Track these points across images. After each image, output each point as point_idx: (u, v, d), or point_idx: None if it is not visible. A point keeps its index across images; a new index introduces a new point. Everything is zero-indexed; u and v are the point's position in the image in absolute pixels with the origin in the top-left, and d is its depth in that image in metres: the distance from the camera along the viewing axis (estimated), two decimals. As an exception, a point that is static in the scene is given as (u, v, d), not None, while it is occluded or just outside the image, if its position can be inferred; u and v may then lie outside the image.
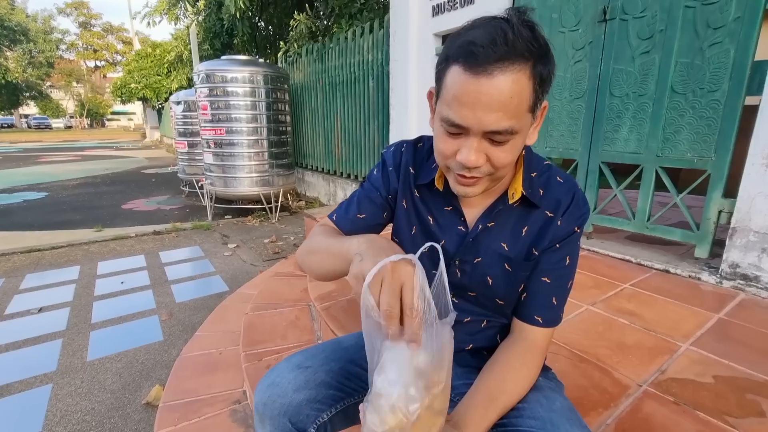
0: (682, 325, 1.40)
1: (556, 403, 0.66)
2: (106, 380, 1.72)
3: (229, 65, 4.18)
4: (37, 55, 30.84)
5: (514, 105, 0.54)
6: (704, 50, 1.70)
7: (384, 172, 0.80)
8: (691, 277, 1.79)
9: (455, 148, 0.60)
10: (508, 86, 0.53)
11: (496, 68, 0.52)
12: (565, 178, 0.72)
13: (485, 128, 0.55)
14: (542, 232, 0.70)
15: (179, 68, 10.99)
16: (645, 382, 1.10)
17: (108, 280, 2.80)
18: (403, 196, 0.78)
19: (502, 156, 0.58)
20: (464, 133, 0.58)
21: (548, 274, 0.71)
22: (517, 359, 0.69)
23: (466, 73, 0.54)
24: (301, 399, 0.67)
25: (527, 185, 0.69)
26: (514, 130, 0.56)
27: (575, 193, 0.70)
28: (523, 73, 0.53)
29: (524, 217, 0.71)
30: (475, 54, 0.53)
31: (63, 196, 5.89)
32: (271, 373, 0.71)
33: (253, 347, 1.61)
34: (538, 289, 0.71)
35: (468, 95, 0.54)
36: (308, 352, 0.77)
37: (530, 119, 0.59)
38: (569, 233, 0.70)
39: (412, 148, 0.80)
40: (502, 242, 0.71)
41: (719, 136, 1.70)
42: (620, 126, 2.02)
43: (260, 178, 4.45)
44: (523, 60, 0.53)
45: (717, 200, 1.75)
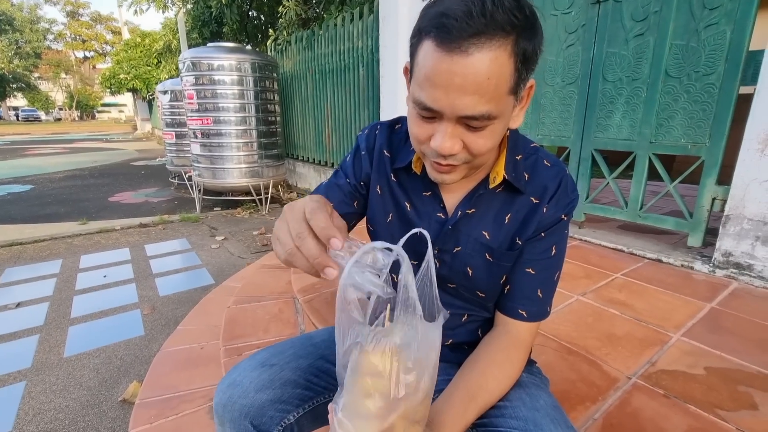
0: (674, 315, 1.37)
1: (540, 401, 0.61)
2: (83, 377, 1.66)
3: (216, 53, 4.06)
4: (24, 45, 30.20)
5: (492, 87, 0.47)
6: (700, 32, 1.64)
7: (356, 158, 0.75)
8: (684, 266, 1.75)
9: (429, 132, 0.54)
10: (485, 66, 0.46)
11: (471, 44, 0.45)
12: (553, 162, 0.66)
13: (459, 113, 0.49)
14: (527, 219, 0.65)
15: (168, 58, 10.78)
16: (634, 375, 1.07)
17: (90, 273, 2.72)
18: (377, 182, 0.73)
19: (480, 143, 0.53)
20: (438, 117, 0.52)
21: (533, 264, 0.65)
22: (500, 354, 0.64)
23: (438, 49, 0.47)
24: (264, 399, 0.62)
25: (510, 169, 0.64)
26: (491, 116, 0.50)
27: (563, 178, 0.65)
28: (503, 50, 0.46)
29: (508, 203, 0.65)
30: (447, 28, 0.46)
31: (49, 188, 5.77)
32: (233, 372, 0.66)
33: (234, 341, 1.55)
34: (522, 280, 0.66)
35: (440, 75, 0.48)
36: (275, 348, 0.71)
37: (512, 102, 0.52)
38: (556, 221, 0.65)
39: (387, 129, 0.74)
40: (483, 230, 0.66)
41: (714, 121, 1.66)
42: (613, 112, 1.96)
43: (249, 170, 4.36)
44: (503, 34, 0.46)
45: (711, 187, 1.71)
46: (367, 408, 0.45)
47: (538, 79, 2.26)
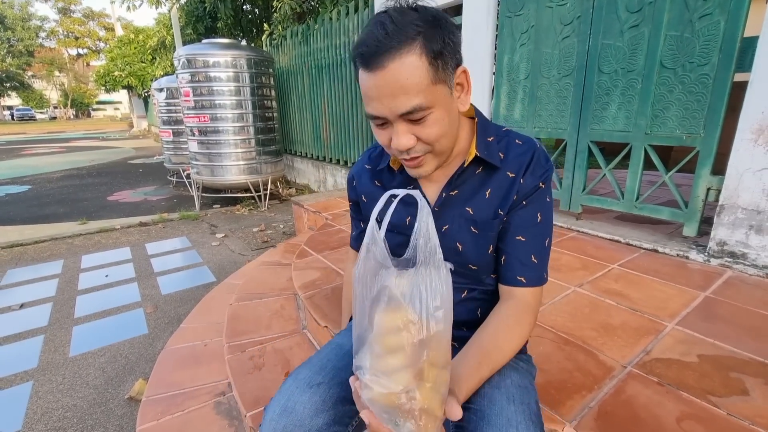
0: (669, 304, 1.39)
1: (507, 381, 0.64)
2: (89, 375, 1.69)
3: (211, 49, 4.04)
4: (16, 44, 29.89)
5: (414, 83, 0.56)
6: (694, 22, 1.65)
7: (350, 186, 0.88)
8: (679, 256, 1.78)
9: (388, 136, 0.63)
10: (400, 70, 0.55)
11: (384, 59, 0.55)
12: (524, 140, 0.73)
13: (396, 112, 0.58)
14: (507, 193, 0.70)
15: (163, 54, 10.69)
16: (630, 364, 1.09)
17: (92, 273, 2.74)
18: (363, 193, 0.83)
19: (428, 131, 0.61)
20: (387, 123, 0.61)
21: (522, 232, 0.71)
22: (510, 318, 0.69)
23: (364, 71, 0.58)
24: (321, 424, 0.61)
25: (482, 147, 0.70)
26: (423, 106, 0.58)
27: (535, 151, 0.71)
28: (411, 53, 0.55)
29: (487, 180, 0.72)
30: (364, 55, 0.57)
31: (47, 189, 5.77)
32: (281, 397, 0.64)
33: (237, 338, 1.58)
34: (515, 248, 0.71)
35: (372, 90, 0.58)
36: (314, 364, 0.70)
37: (444, 90, 0.60)
38: (534, 188, 0.70)
39: (369, 150, 0.86)
40: (467, 207, 0.72)
41: (708, 111, 1.67)
42: (609, 104, 1.97)
43: (247, 166, 4.36)
44: (408, 41, 0.55)
45: (705, 177, 1.73)
46: (392, 364, 0.46)
47: (534, 71, 2.27)
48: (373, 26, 0.57)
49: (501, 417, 0.57)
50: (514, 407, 0.58)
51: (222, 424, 1.30)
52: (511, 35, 2.36)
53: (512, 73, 2.41)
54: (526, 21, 2.27)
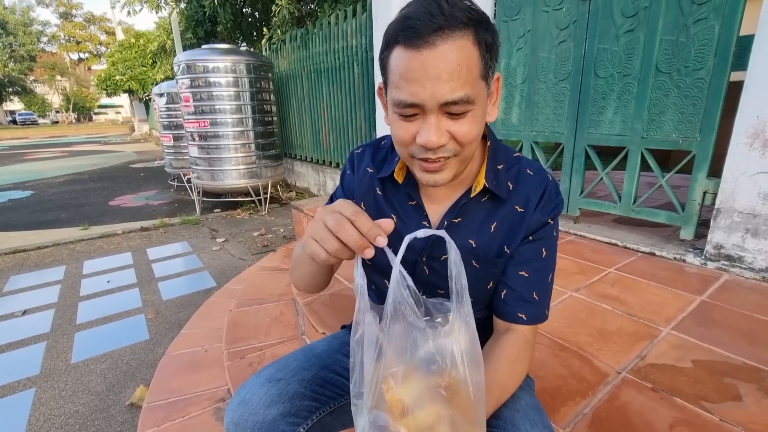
0: (665, 309, 1.40)
1: (521, 402, 0.64)
2: (91, 382, 1.70)
3: (210, 54, 4.07)
4: (18, 49, 30.06)
5: (465, 71, 0.52)
6: (689, 27, 1.66)
7: (343, 180, 0.80)
8: (676, 260, 1.78)
9: (413, 131, 0.56)
10: (453, 53, 0.51)
11: (437, 38, 0.50)
12: (536, 170, 0.69)
13: (440, 100, 0.52)
14: (514, 228, 0.67)
15: (163, 58, 10.72)
16: (624, 369, 1.10)
17: (94, 279, 2.76)
18: (362, 199, 0.76)
19: (465, 130, 0.55)
20: (420, 113, 0.55)
21: (525, 267, 0.68)
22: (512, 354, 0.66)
23: (408, 50, 0.52)
24: (275, 414, 0.64)
25: (491, 177, 0.67)
26: (470, 99, 0.53)
27: (547, 185, 0.68)
28: (466, 39, 0.52)
29: (493, 212, 0.68)
30: (413, 28, 0.51)
31: (49, 194, 5.80)
32: (241, 391, 0.68)
33: (236, 345, 1.59)
34: (517, 284, 0.68)
35: (414, 71, 0.52)
36: (279, 363, 0.74)
37: (485, 89, 0.57)
38: (543, 224, 0.68)
39: (371, 147, 0.78)
40: (470, 238, 0.69)
41: (704, 115, 1.67)
42: (605, 108, 1.98)
43: (248, 170, 4.38)
44: (463, 27, 0.51)
45: (702, 181, 1.73)
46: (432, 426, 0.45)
47: (531, 75, 2.28)
48: (425, 3, 0.51)
49: None
50: (537, 430, 0.59)
51: (222, 431, 1.31)
52: (508, 40, 2.37)
53: (509, 78, 2.42)
54: (523, 25, 2.28)
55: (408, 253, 0.73)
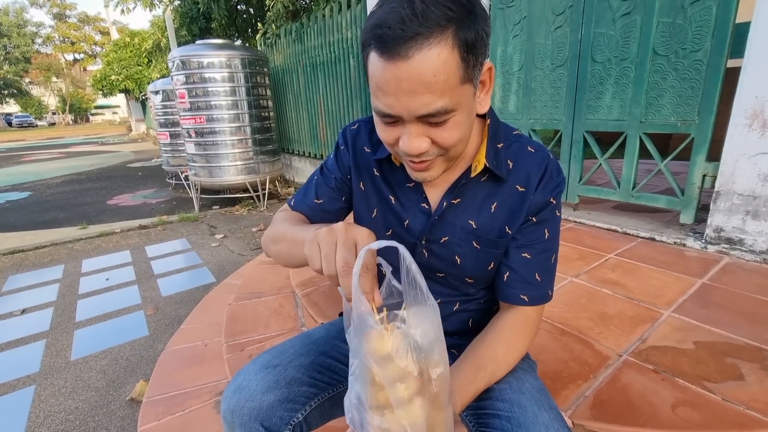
0: (665, 292, 1.39)
1: (526, 384, 0.63)
2: (90, 378, 1.70)
3: (204, 50, 4.03)
4: (13, 51, 29.92)
5: (441, 82, 0.48)
6: (686, 8, 1.64)
7: (337, 154, 0.77)
8: (677, 244, 1.77)
9: (395, 135, 0.55)
10: (428, 64, 0.47)
11: (410, 48, 0.46)
12: (537, 148, 0.67)
13: (415, 114, 0.50)
14: (515, 208, 0.66)
15: (158, 57, 10.66)
16: (625, 352, 1.09)
17: (92, 277, 2.75)
18: (359, 179, 0.74)
19: (446, 135, 0.53)
20: (399, 121, 0.53)
21: (528, 249, 0.67)
22: (507, 329, 0.66)
23: (381, 59, 0.48)
24: (272, 400, 0.63)
25: (491, 157, 0.65)
26: (448, 109, 0.50)
27: (548, 164, 0.66)
28: (443, 45, 0.47)
29: (493, 192, 0.67)
30: (383, 38, 0.47)
31: (47, 194, 5.78)
32: (237, 377, 0.67)
33: (236, 338, 1.58)
34: (519, 266, 0.67)
35: (388, 83, 0.49)
36: (276, 349, 0.73)
37: (469, 90, 0.53)
38: (545, 205, 0.66)
39: (367, 125, 0.75)
40: (470, 219, 0.67)
41: (702, 98, 1.66)
42: (603, 93, 1.96)
43: (245, 166, 4.36)
44: (439, 29, 0.47)
45: (701, 164, 1.72)
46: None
47: (527, 62, 2.26)
48: (397, 3, 0.47)
49: (538, 424, 0.56)
50: (546, 413, 0.58)
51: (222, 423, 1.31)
52: (504, 27, 2.35)
53: (506, 65, 2.39)
54: (519, 12, 2.25)
55: (407, 236, 0.72)
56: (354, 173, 0.75)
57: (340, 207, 0.77)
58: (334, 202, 0.76)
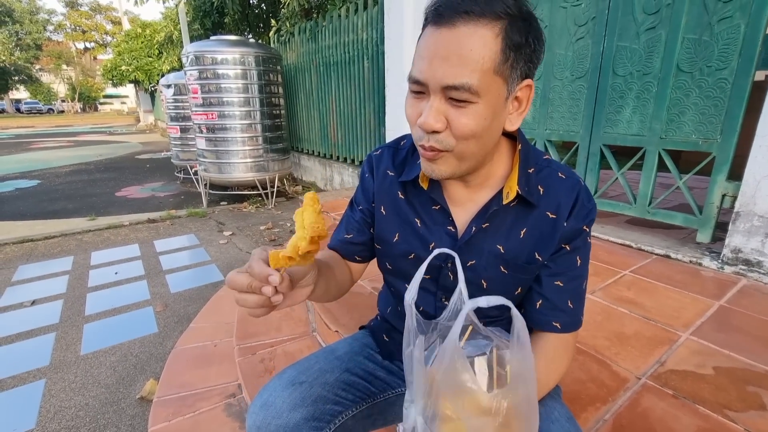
0: (683, 313, 1.38)
1: (554, 413, 0.63)
2: (100, 374, 1.70)
3: (219, 46, 4.03)
4: (24, 37, 30.06)
5: (474, 58, 0.50)
6: (713, 25, 1.62)
7: (362, 184, 0.78)
8: (693, 263, 1.76)
9: (419, 111, 0.56)
10: (468, 38, 0.49)
11: (458, 19, 0.49)
12: (567, 174, 0.67)
13: (440, 81, 0.51)
14: (546, 235, 0.65)
15: (170, 49, 10.68)
16: (644, 375, 1.08)
17: (102, 270, 2.76)
18: (381, 203, 0.74)
19: (463, 122, 0.53)
20: (426, 93, 0.54)
21: (560, 277, 0.66)
22: (550, 353, 0.66)
23: (431, 27, 0.52)
24: (299, 418, 0.63)
25: (523, 183, 0.64)
26: (473, 89, 0.50)
27: (579, 191, 0.65)
28: (489, 28, 0.50)
29: (522, 217, 0.66)
30: (439, 9, 0.51)
31: (56, 183, 5.81)
32: (263, 392, 0.67)
33: (247, 340, 1.58)
34: (551, 293, 0.66)
35: (428, 48, 0.52)
36: (301, 365, 0.73)
37: (502, 88, 0.53)
38: (578, 233, 0.65)
39: (390, 149, 0.76)
40: (498, 243, 0.67)
41: (726, 116, 1.64)
42: (623, 107, 1.95)
43: (255, 164, 4.37)
44: (492, 16, 0.50)
45: (721, 184, 1.70)
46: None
47: (546, 72, 2.24)
48: None
49: None
50: None
51: (233, 426, 1.31)
52: (524, 35, 2.33)
53: (524, 74, 2.38)
54: (540, 21, 2.23)
55: (433, 259, 0.71)
56: (377, 198, 0.75)
57: (368, 238, 0.78)
58: (362, 235, 0.77)
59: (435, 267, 0.71)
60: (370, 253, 0.81)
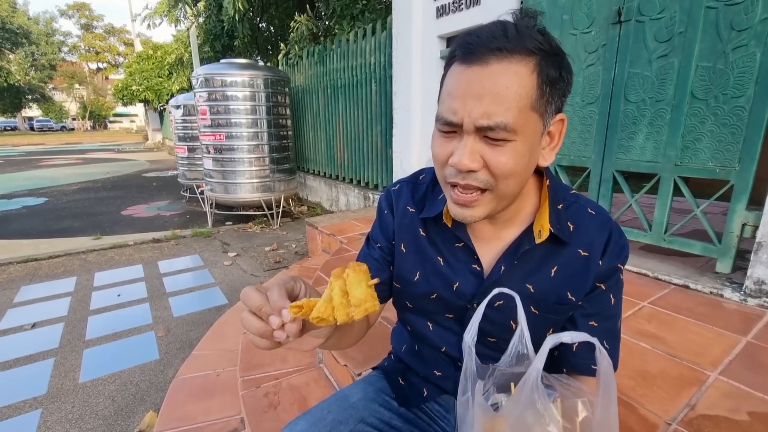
0: (708, 350, 1.31)
1: None
2: (99, 405, 1.64)
3: (228, 69, 4.10)
4: (40, 58, 30.94)
5: (512, 96, 0.48)
6: (728, 54, 1.60)
7: (380, 220, 0.75)
8: (713, 294, 1.69)
9: (449, 150, 0.53)
10: (503, 75, 0.48)
11: (491, 56, 0.48)
12: (597, 210, 0.64)
13: (476, 121, 0.49)
14: (579, 274, 0.62)
15: (180, 70, 10.95)
16: (674, 420, 1.01)
17: (104, 292, 2.72)
18: (401, 240, 0.71)
19: (502, 161, 0.50)
20: (458, 132, 0.52)
21: (595, 317, 0.63)
22: None
23: (460, 65, 0.50)
24: None
25: (554, 220, 0.61)
26: (510, 127, 0.48)
27: (611, 228, 0.63)
28: (524, 64, 0.48)
29: (552, 255, 0.63)
30: (470, 44, 0.49)
31: (63, 201, 5.84)
32: None
33: (251, 372, 1.52)
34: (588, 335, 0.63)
35: (459, 86, 0.50)
36: (313, 415, 0.67)
37: (538, 123, 0.52)
38: (612, 271, 0.63)
39: (409, 184, 0.73)
40: (527, 283, 0.63)
41: (744, 144, 1.61)
42: (636, 133, 1.92)
43: (261, 184, 4.37)
44: (526, 52, 0.48)
45: (741, 212, 1.65)
46: None
47: (556, 98, 2.24)
48: (493, 25, 0.50)
49: None
50: None
51: (235, 468, 1.24)
52: (533, 61, 2.34)
53: (533, 99, 2.37)
54: (548, 48, 2.24)
55: (456, 300, 0.67)
56: (397, 235, 0.72)
57: (387, 277, 0.74)
58: (381, 273, 0.73)
59: (459, 307, 0.68)
60: (389, 293, 0.77)
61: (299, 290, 0.51)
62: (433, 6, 2.89)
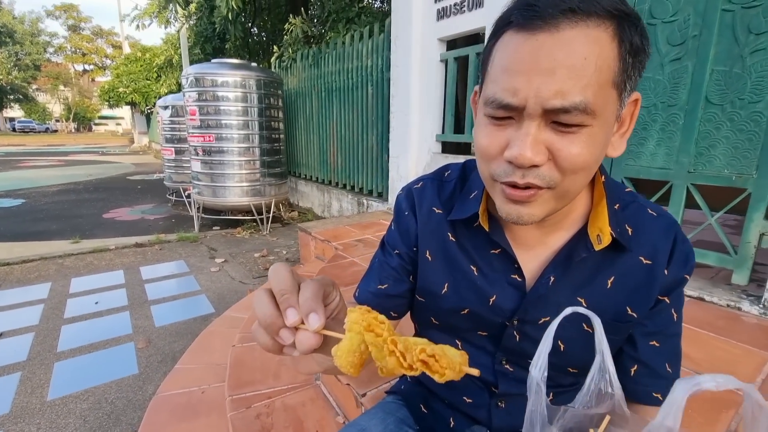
0: (738, 367, 1.22)
1: None
2: (68, 426, 1.47)
3: (220, 69, 3.97)
4: (24, 58, 30.29)
5: (591, 70, 0.37)
6: (745, 57, 1.55)
7: (399, 223, 0.63)
8: (730, 307, 1.62)
9: (502, 142, 0.42)
10: (581, 43, 0.37)
11: (563, 20, 0.37)
12: (659, 212, 0.55)
13: (546, 102, 0.38)
14: (641, 286, 0.52)
15: (169, 72, 10.75)
16: (718, 449, 0.92)
17: (81, 299, 2.54)
18: (426, 247, 0.60)
19: (574, 152, 0.40)
20: (516, 118, 0.41)
21: (657, 336, 0.54)
22: None
23: (520, 33, 0.39)
24: None
25: (614, 223, 0.51)
26: (589, 109, 0.38)
27: (676, 233, 0.53)
28: (603, 29, 0.38)
29: (608, 263, 0.53)
30: (535, 6, 0.38)
31: (41, 203, 5.58)
32: None
33: (241, 390, 1.38)
34: (650, 357, 0.54)
35: (522, 60, 0.39)
36: None
37: (615, 103, 0.41)
38: (678, 282, 0.53)
39: (434, 181, 0.62)
40: (579, 296, 0.53)
41: (762, 151, 1.55)
42: (646, 138, 1.86)
43: (251, 188, 4.22)
44: (604, 14, 0.38)
45: (758, 222, 1.59)
46: None
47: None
48: None
49: None
50: None
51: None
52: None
53: (538, 104, 2.31)
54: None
55: (492, 316, 0.57)
56: (420, 241, 0.60)
57: (407, 288, 0.63)
58: (400, 284, 0.62)
59: (495, 324, 0.57)
60: (408, 306, 0.65)
61: (334, 302, 0.40)
62: (434, 8, 2.82)
